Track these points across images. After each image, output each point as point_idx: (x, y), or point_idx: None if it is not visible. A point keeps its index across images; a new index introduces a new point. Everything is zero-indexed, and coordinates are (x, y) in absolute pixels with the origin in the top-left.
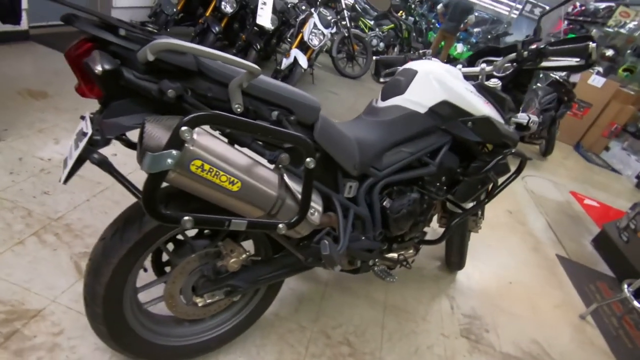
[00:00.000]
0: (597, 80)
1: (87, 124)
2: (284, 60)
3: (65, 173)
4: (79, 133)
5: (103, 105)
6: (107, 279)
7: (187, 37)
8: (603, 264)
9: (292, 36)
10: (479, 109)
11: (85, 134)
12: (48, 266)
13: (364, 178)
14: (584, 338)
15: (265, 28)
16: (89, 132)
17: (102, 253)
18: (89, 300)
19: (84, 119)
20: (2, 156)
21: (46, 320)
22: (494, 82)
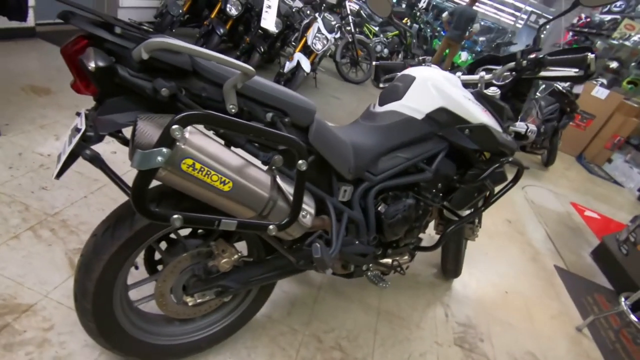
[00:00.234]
0: (601, 92)
1: (82, 120)
2: (287, 64)
3: (58, 168)
4: (73, 129)
5: (98, 102)
6: (98, 275)
7: (192, 39)
8: (602, 277)
9: (296, 40)
10: (477, 116)
11: (79, 130)
12: (42, 261)
13: (359, 182)
14: (580, 350)
15: (270, 31)
16: (83, 128)
17: (93, 249)
18: (79, 296)
19: (80, 115)
20: (2, 151)
21: (37, 315)
22: (492, 91)
